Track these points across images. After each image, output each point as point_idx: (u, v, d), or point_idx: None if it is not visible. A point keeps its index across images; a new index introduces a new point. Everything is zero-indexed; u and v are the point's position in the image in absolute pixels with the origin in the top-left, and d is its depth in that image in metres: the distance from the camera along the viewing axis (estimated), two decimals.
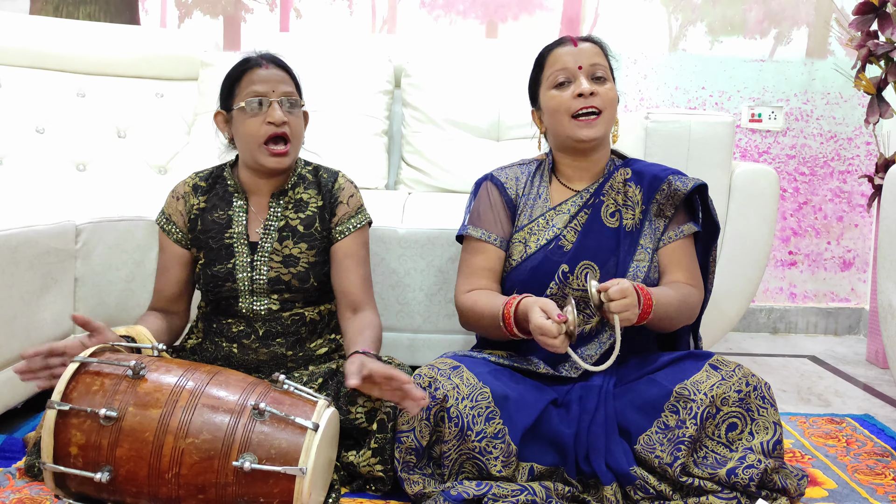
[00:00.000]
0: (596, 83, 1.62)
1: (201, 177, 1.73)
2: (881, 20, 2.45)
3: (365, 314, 1.66)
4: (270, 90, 1.61)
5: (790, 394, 2.29)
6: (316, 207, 1.70)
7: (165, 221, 1.71)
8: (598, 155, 1.69)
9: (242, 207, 1.69)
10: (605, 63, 1.65)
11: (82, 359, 1.31)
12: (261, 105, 1.60)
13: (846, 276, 3.11)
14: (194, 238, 1.69)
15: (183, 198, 1.71)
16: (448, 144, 2.57)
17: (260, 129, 1.60)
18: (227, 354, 1.66)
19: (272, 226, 1.67)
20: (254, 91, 1.61)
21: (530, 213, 1.69)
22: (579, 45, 1.65)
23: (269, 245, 1.65)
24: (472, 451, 1.40)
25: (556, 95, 1.64)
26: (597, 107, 1.61)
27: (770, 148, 3.05)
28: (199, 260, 1.68)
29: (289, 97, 1.63)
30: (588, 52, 1.64)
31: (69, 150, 2.51)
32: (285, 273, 1.64)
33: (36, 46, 2.64)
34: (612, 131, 1.69)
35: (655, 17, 3.02)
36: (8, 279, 1.64)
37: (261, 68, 1.63)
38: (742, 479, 1.35)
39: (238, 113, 1.63)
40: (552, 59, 1.66)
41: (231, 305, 1.65)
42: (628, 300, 1.43)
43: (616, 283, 1.44)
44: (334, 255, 1.69)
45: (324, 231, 1.69)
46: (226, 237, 1.66)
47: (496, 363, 1.57)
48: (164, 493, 1.25)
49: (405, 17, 3.01)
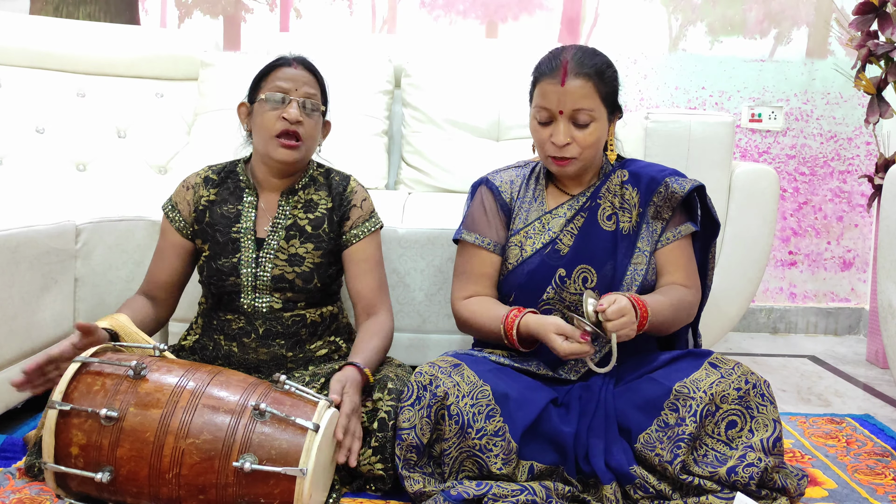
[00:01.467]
0: (577, 128, 1.57)
1: (214, 170, 1.74)
2: (881, 20, 2.45)
3: (378, 318, 1.68)
4: (293, 88, 1.64)
5: (790, 394, 2.29)
6: (325, 209, 1.70)
7: (171, 209, 1.72)
8: (588, 171, 1.68)
9: (252, 203, 1.69)
10: (591, 105, 1.55)
11: (83, 359, 1.31)
12: (281, 101, 1.63)
13: (846, 276, 3.11)
14: (200, 230, 1.69)
15: (193, 188, 1.72)
16: (448, 144, 2.57)
17: (275, 123, 1.62)
18: (227, 353, 1.66)
19: (280, 224, 1.68)
20: (277, 86, 1.64)
21: (525, 217, 1.69)
22: (567, 82, 1.54)
23: (275, 242, 1.66)
24: (473, 449, 1.40)
25: (536, 127, 1.61)
26: (570, 155, 1.58)
27: (770, 148, 3.05)
28: (204, 252, 1.68)
29: (310, 98, 1.65)
30: (573, 94, 1.54)
31: (69, 150, 2.51)
32: (289, 272, 1.64)
33: (36, 46, 2.64)
34: (607, 149, 1.68)
35: (655, 17, 3.02)
36: (8, 279, 1.64)
37: (289, 67, 1.67)
38: (742, 478, 1.35)
39: (259, 105, 1.65)
40: (539, 91, 1.60)
41: (233, 301, 1.65)
42: (626, 318, 1.45)
43: (613, 303, 1.45)
44: (349, 259, 1.70)
45: (332, 233, 1.69)
46: (233, 231, 1.67)
47: (497, 362, 1.57)
48: (164, 494, 1.25)
49: (405, 17, 3.01)
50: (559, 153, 1.58)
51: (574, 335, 1.46)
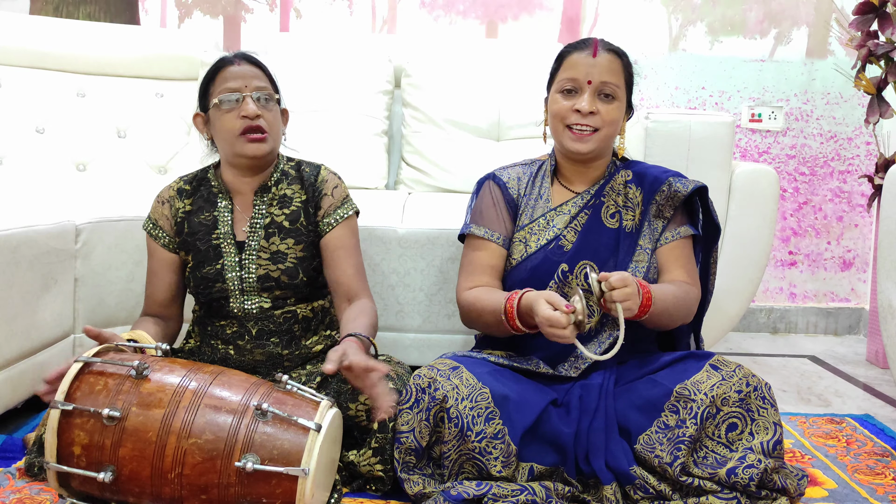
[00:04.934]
0: (601, 101, 1.61)
1: (185, 180, 1.73)
2: (881, 20, 2.45)
3: (360, 301, 1.66)
4: (243, 85, 1.62)
5: (790, 394, 2.29)
6: (300, 202, 1.70)
7: (152, 227, 1.70)
8: (597, 163, 1.70)
9: (227, 207, 1.69)
10: (617, 81, 1.61)
11: (86, 359, 1.31)
12: (235, 101, 1.61)
13: (846, 276, 3.12)
14: (182, 241, 1.69)
15: (168, 202, 1.71)
16: (448, 144, 2.57)
17: (235, 123, 1.61)
18: (224, 357, 1.66)
19: (258, 223, 1.67)
20: (227, 87, 1.62)
21: (531, 213, 1.69)
22: (599, 54, 1.61)
23: (255, 243, 1.65)
24: (472, 452, 1.40)
25: (558, 100, 1.64)
26: (592, 125, 1.60)
27: (770, 148, 3.05)
28: (188, 263, 1.68)
29: (262, 92, 1.63)
30: (603, 66, 1.60)
31: (69, 150, 2.51)
32: (274, 270, 1.64)
33: (36, 46, 2.64)
34: (617, 144, 1.70)
35: (655, 17, 3.02)
36: (8, 279, 1.64)
37: (233, 65, 1.64)
38: (742, 478, 1.35)
39: (214, 111, 1.63)
40: (568, 63, 1.64)
41: (223, 307, 1.65)
42: (629, 289, 1.43)
43: (616, 273, 1.45)
44: (324, 247, 1.69)
45: (309, 225, 1.69)
46: (213, 238, 1.66)
47: (496, 363, 1.57)
48: (166, 493, 1.25)
49: (405, 17, 3.01)
50: (583, 120, 1.60)
51: (559, 304, 1.42)
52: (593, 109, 1.59)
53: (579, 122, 1.60)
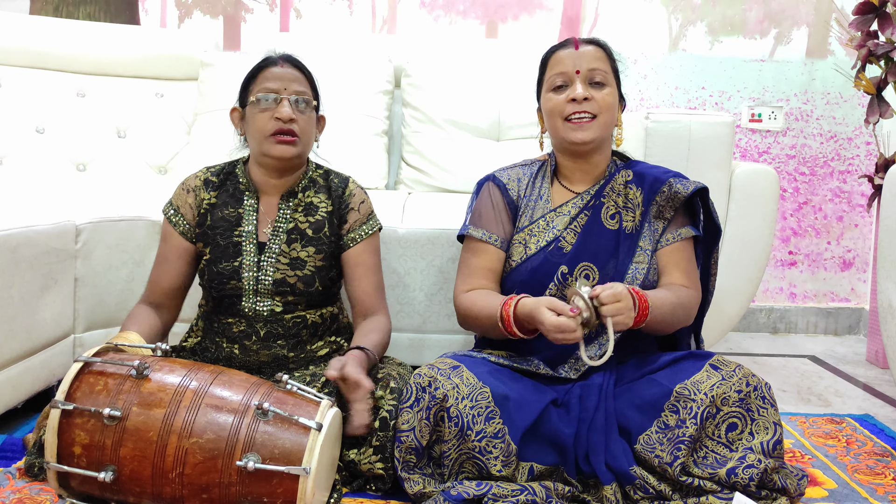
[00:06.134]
0: (593, 88, 1.62)
1: (212, 172, 1.73)
2: (881, 20, 2.45)
3: (376, 317, 1.69)
4: (283, 87, 1.63)
5: (790, 394, 2.29)
6: (326, 212, 1.70)
7: (173, 213, 1.70)
8: (598, 157, 1.70)
9: (253, 206, 1.69)
10: (605, 67, 1.64)
11: (86, 359, 1.31)
12: (272, 101, 1.62)
13: (846, 276, 3.12)
14: (202, 233, 1.68)
15: (194, 191, 1.70)
16: (448, 144, 2.57)
17: (268, 123, 1.61)
18: (229, 356, 1.66)
19: (281, 227, 1.67)
20: (266, 87, 1.63)
21: (531, 215, 1.69)
22: (581, 47, 1.65)
23: (277, 247, 1.65)
24: (472, 451, 1.40)
25: (552, 98, 1.65)
26: (589, 112, 1.61)
27: (770, 148, 3.06)
28: (205, 255, 1.68)
29: (301, 96, 1.64)
30: (588, 56, 1.64)
31: (69, 150, 2.51)
32: (291, 276, 1.64)
33: (36, 46, 2.64)
34: (614, 135, 1.70)
35: (655, 17, 3.02)
36: (8, 279, 1.64)
37: (276, 66, 1.66)
38: (742, 478, 1.35)
39: (250, 108, 1.65)
40: (553, 61, 1.67)
41: (234, 304, 1.65)
42: (621, 304, 1.43)
43: (609, 287, 1.45)
44: (346, 262, 1.71)
45: (332, 236, 1.69)
46: (234, 235, 1.66)
47: (496, 363, 1.57)
48: (167, 493, 1.25)
49: (405, 17, 3.01)
50: (579, 108, 1.61)
51: (564, 311, 1.43)
52: (587, 95, 1.61)
53: (577, 111, 1.61)
